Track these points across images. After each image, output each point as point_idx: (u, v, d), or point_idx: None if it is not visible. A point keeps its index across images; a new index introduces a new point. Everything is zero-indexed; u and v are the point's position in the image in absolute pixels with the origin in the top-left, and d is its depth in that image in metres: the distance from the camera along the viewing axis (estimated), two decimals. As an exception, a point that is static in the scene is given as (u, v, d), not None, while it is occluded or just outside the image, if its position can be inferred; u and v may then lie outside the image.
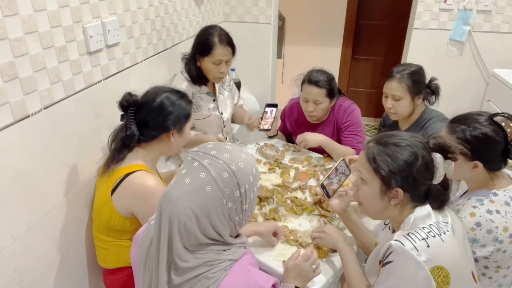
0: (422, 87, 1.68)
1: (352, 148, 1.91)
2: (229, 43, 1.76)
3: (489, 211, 1.13)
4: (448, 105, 2.68)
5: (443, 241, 0.93)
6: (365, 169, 1.03)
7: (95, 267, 1.47)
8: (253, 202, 0.91)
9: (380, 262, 0.99)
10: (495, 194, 1.16)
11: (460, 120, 1.19)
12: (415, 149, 0.97)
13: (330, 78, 1.88)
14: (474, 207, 1.15)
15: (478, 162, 1.15)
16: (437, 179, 0.98)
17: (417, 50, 2.59)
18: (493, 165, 1.18)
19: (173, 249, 0.83)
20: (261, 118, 1.99)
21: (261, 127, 1.97)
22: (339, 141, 1.96)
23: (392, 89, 1.66)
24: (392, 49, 3.84)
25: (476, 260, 1.18)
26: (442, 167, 0.97)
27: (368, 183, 1.03)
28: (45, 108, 1.16)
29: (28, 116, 1.10)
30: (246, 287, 0.84)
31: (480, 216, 1.13)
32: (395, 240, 0.94)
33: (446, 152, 0.98)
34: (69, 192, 1.30)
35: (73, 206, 1.33)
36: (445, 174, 1.00)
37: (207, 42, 1.73)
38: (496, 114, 1.17)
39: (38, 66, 1.11)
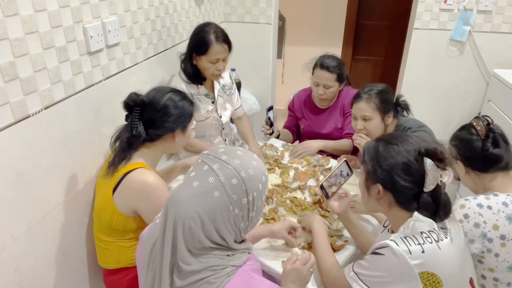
0: (391, 105, 1.67)
1: (349, 136, 2.01)
2: (225, 40, 1.75)
3: (480, 205, 1.13)
4: (449, 105, 2.69)
5: (440, 248, 0.92)
6: (360, 162, 1.10)
7: (95, 267, 1.47)
8: (260, 209, 0.90)
9: None
10: (496, 195, 1.16)
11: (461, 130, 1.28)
12: (400, 148, 0.98)
13: (341, 64, 2.02)
14: (466, 199, 1.16)
15: (467, 168, 1.23)
16: (428, 186, 0.94)
17: (417, 50, 2.59)
18: (477, 165, 1.22)
19: (177, 251, 0.82)
20: (266, 124, 2.03)
21: (270, 133, 2.04)
22: (343, 125, 2.10)
23: (361, 109, 1.64)
24: (392, 49, 3.85)
25: None
26: (431, 174, 0.93)
27: (361, 175, 1.10)
28: (46, 108, 1.16)
29: (29, 116, 1.10)
30: None
31: (469, 208, 1.13)
32: (391, 240, 0.95)
33: (435, 159, 0.94)
34: (70, 192, 1.31)
35: (74, 206, 1.34)
36: (440, 188, 0.97)
37: (203, 41, 1.71)
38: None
39: (38, 66, 1.11)
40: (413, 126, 1.66)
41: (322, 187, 1.29)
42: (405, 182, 0.96)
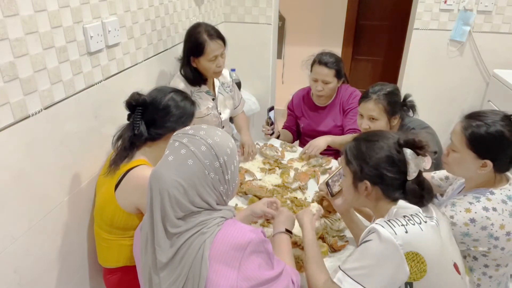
0: (398, 107, 1.67)
1: (353, 132, 2.02)
2: (219, 36, 1.77)
3: (485, 208, 1.14)
4: (449, 105, 2.69)
5: (422, 230, 0.96)
6: (343, 163, 1.11)
7: (95, 267, 1.47)
8: (235, 173, 0.99)
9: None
10: (492, 193, 1.18)
11: (476, 116, 1.18)
12: (381, 143, 1.03)
13: (338, 60, 2.04)
14: (470, 203, 1.16)
15: (488, 162, 1.14)
16: (411, 174, 1.00)
17: (417, 50, 2.59)
18: (501, 167, 1.18)
19: (167, 221, 0.90)
20: (267, 124, 2.04)
21: (270, 134, 2.05)
22: (343, 123, 2.11)
23: (369, 109, 1.65)
24: (392, 49, 3.85)
25: (475, 258, 1.21)
26: (413, 162, 0.99)
27: (345, 175, 1.11)
28: (46, 108, 1.16)
29: (29, 117, 1.10)
30: (240, 235, 0.92)
31: (475, 212, 1.14)
32: (376, 223, 0.98)
33: (415, 148, 1.00)
34: (70, 192, 1.31)
35: (74, 206, 1.33)
36: (421, 174, 1.02)
37: (198, 42, 1.73)
38: None
39: (38, 66, 1.11)
40: (417, 126, 1.67)
41: (328, 184, 1.31)
42: (392, 174, 1.01)
